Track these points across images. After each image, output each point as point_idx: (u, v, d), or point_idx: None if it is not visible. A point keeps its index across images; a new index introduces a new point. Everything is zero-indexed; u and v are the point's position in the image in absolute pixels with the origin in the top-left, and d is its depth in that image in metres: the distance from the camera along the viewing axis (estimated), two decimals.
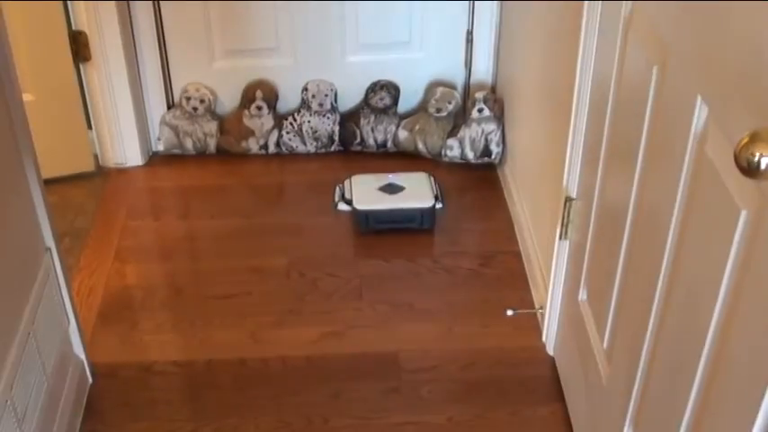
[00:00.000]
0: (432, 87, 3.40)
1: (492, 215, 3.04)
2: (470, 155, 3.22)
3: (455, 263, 2.80)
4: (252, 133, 3.41)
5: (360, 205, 2.93)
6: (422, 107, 3.42)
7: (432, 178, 3.05)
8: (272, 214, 3.10)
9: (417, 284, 2.73)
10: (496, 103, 3.23)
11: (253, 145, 3.42)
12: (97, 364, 2.43)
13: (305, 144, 3.42)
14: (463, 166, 3.29)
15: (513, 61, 3.08)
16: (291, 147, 3.42)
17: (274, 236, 2.96)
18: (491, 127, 3.20)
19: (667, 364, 1.53)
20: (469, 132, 3.22)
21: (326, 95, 3.36)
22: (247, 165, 3.39)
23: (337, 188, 3.11)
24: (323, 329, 2.56)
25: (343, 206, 3.02)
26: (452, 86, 3.43)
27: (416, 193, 2.97)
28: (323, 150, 3.43)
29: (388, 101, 3.37)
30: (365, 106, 3.41)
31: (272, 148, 3.43)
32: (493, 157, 3.21)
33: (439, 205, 2.95)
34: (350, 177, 3.09)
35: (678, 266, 1.48)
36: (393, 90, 3.39)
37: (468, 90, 3.45)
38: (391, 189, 3.01)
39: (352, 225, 2.93)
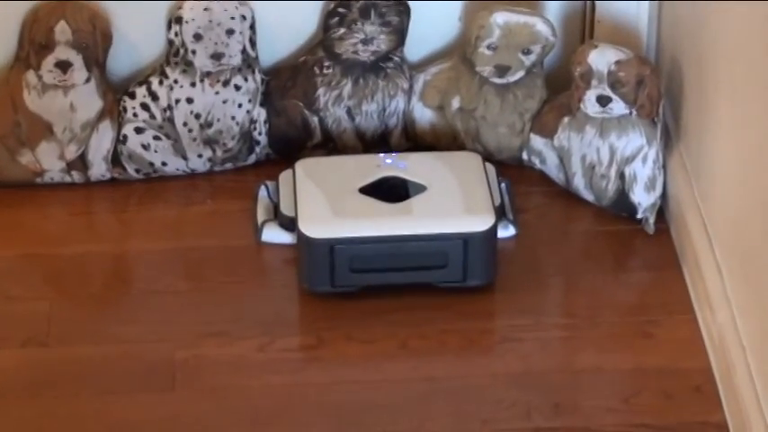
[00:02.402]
0: (478, 12, 2.23)
1: (652, 332, 1.98)
2: (587, 194, 2.19)
3: None
4: (47, 131, 2.42)
5: (313, 229, 1.98)
6: (461, 55, 2.27)
7: (489, 167, 2.15)
8: (102, 338, 2.03)
9: None
10: (645, 86, 2.10)
11: (49, 161, 2.40)
12: None
13: (182, 155, 2.33)
14: (576, 197, 2.26)
15: None
16: (148, 163, 2.37)
17: (104, 395, 1.89)
18: (634, 143, 2.12)
19: None
20: (579, 145, 2.15)
21: (230, 33, 2.27)
22: (36, 212, 2.30)
23: (262, 190, 2.23)
24: None
25: (272, 233, 2.10)
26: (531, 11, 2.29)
27: (452, 197, 2.04)
28: (229, 166, 2.34)
29: (383, 43, 2.24)
30: (327, 57, 2.28)
31: (98, 169, 2.36)
32: (638, 215, 2.17)
33: (508, 231, 2.07)
34: (293, 165, 2.20)
35: None
36: (394, 13, 2.26)
37: (585, 37, 2.34)
38: (392, 190, 2.06)
39: (297, 286, 2.05)
